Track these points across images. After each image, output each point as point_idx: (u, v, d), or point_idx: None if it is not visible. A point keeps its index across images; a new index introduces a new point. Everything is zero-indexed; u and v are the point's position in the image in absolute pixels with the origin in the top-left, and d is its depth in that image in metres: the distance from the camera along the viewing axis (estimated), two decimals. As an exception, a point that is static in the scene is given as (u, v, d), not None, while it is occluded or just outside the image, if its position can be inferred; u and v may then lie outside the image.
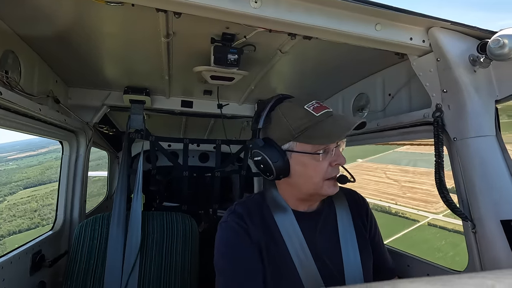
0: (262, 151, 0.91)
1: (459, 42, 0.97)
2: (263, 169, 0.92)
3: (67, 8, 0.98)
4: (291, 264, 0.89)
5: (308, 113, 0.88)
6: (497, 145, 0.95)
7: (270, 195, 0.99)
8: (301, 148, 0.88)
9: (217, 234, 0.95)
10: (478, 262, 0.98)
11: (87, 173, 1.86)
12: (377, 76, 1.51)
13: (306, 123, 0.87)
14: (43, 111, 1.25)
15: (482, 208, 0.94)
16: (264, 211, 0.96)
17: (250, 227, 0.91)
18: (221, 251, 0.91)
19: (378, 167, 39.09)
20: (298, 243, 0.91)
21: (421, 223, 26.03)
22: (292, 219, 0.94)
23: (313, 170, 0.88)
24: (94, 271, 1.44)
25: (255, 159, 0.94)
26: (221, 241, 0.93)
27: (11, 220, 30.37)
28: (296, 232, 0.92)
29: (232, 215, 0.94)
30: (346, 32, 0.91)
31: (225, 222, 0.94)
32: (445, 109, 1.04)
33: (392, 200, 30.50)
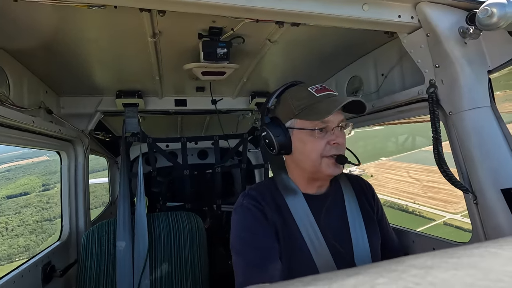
0: (267, 127, 0.98)
1: (448, 15, 0.96)
2: (267, 143, 0.99)
3: (49, 17, 0.96)
4: (303, 245, 0.91)
5: (310, 94, 0.94)
6: (492, 115, 0.96)
7: (280, 179, 1.03)
8: (301, 125, 0.94)
9: (233, 217, 0.98)
10: (481, 232, 1.00)
11: (88, 181, 1.86)
12: (369, 57, 1.51)
13: (306, 102, 0.93)
14: (37, 123, 1.24)
15: (481, 179, 0.95)
16: (275, 194, 0.99)
17: (265, 207, 0.94)
18: (239, 233, 0.93)
19: (401, 166, 39.12)
20: (309, 224, 0.94)
21: (437, 222, 26.35)
22: (302, 201, 0.97)
23: (310, 146, 0.93)
24: (105, 277, 1.46)
25: (262, 134, 1.01)
26: (239, 223, 0.95)
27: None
28: (307, 213, 0.95)
29: (247, 198, 0.98)
30: (334, 15, 0.90)
31: (240, 206, 0.97)
32: (438, 84, 1.04)
33: (411, 199, 30.78)
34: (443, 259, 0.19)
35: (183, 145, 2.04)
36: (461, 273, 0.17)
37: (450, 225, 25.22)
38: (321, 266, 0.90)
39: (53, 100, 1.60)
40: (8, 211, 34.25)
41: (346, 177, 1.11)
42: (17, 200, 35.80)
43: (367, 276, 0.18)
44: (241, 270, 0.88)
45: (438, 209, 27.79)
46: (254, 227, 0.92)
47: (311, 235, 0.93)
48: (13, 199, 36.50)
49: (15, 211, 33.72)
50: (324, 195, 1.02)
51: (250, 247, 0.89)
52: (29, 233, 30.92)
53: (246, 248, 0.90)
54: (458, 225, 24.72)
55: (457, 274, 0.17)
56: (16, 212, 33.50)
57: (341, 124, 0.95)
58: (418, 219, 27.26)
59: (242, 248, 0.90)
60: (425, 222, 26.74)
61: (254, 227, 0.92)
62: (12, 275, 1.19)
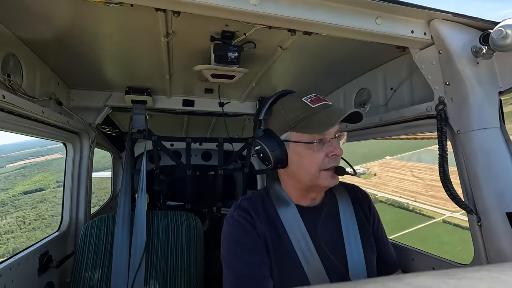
0: (262, 140, 0.94)
1: (461, 33, 0.96)
2: (262, 158, 0.96)
3: (66, 10, 0.98)
4: (295, 258, 0.90)
5: (305, 105, 0.91)
6: (501, 137, 0.94)
7: (274, 189, 1.01)
8: (298, 138, 0.91)
9: (223, 229, 0.96)
10: (484, 255, 0.98)
11: (91, 174, 1.87)
12: (379, 70, 1.50)
13: (302, 114, 0.90)
14: (46, 113, 1.26)
15: (487, 200, 0.93)
16: (268, 206, 0.98)
17: (256, 220, 0.92)
18: (228, 246, 0.92)
19: (405, 165, 38.91)
20: (302, 237, 0.92)
21: (436, 220, 26.28)
22: (295, 213, 0.95)
23: (309, 160, 0.91)
24: (101, 271, 1.46)
25: (255, 148, 0.98)
26: (228, 236, 0.93)
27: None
28: (299, 225, 0.93)
29: (238, 210, 0.96)
30: (347, 26, 0.90)
31: (231, 217, 0.95)
32: (448, 102, 1.03)
33: (412, 197, 30.66)
34: (443, 279, 0.19)
35: (188, 145, 2.05)
36: None
37: (449, 223, 25.15)
38: (313, 279, 0.89)
39: (63, 92, 1.62)
40: (25, 206, 35.12)
41: (343, 186, 1.09)
42: (33, 196, 36.79)
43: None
44: (230, 284, 0.87)
45: (438, 207, 27.68)
46: (243, 239, 0.90)
47: (303, 248, 0.91)
48: (29, 195, 37.54)
49: (31, 206, 34.65)
50: (318, 206, 1.00)
51: (239, 260, 0.88)
52: (45, 226, 31.45)
53: (235, 261, 0.88)
54: (456, 223, 24.66)
55: None
56: (33, 207, 34.38)
57: (337, 134, 0.93)
58: (417, 217, 27.25)
59: (231, 260, 0.89)
60: (424, 220, 26.73)
61: (243, 239, 0.90)
62: (9, 262, 1.19)
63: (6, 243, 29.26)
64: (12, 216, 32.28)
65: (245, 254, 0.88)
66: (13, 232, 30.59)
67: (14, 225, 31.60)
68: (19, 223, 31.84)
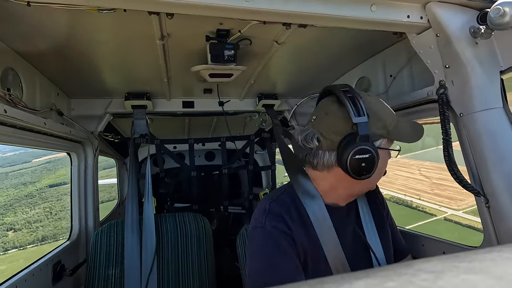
0: (372, 148, 0.80)
1: (458, 14, 0.94)
2: (364, 167, 0.80)
3: (61, 21, 0.98)
4: (321, 252, 0.88)
5: (390, 110, 0.91)
6: (505, 116, 0.93)
7: (298, 183, 0.94)
8: (387, 145, 0.90)
9: (253, 240, 0.88)
10: (494, 236, 0.97)
11: (97, 181, 1.89)
12: (377, 58, 1.49)
13: (394, 120, 0.89)
14: (48, 124, 1.26)
15: (494, 181, 0.93)
16: (298, 205, 0.92)
17: (294, 231, 0.85)
18: (256, 262, 0.84)
19: (414, 163, 38.91)
20: (328, 230, 0.89)
21: (437, 218, 26.54)
22: (321, 205, 0.91)
23: (384, 166, 0.92)
24: (113, 277, 1.48)
25: (357, 156, 0.80)
26: (258, 251, 0.84)
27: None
28: (326, 218, 0.90)
29: (270, 217, 0.86)
30: (341, 16, 0.90)
31: (262, 227, 0.86)
32: (448, 85, 1.02)
33: (417, 195, 30.91)
34: (454, 263, 0.19)
35: (191, 147, 2.05)
36: (472, 278, 0.17)
37: (450, 221, 25.44)
38: (337, 272, 0.88)
39: (64, 102, 1.63)
40: (51, 198, 37.01)
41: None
42: (58, 189, 38.37)
43: (376, 279, 0.18)
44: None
45: (441, 205, 27.96)
46: (277, 260, 0.81)
47: (328, 241, 0.88)
48: (54, 188, 39.27)
49: (57, 198, 36.34)
50: (342, 206, 0.97)
51: (268, 284, 0.79)
52: (70, 217, 33.25)
53: (263, 284, 0.80)
54: (457, 220, 25.05)
55: (468, 279, 0.17)
56: (58, 199, 36.19)
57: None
58: (420, 214, 27.51)
59: (259, 281, 0.82)
60: (426, 217, 26.98)
61: (277, 260, 0.81)
62: (23, 273, 1.21)
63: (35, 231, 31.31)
64: (40, 207, 34.24)
65: (277, 277, 0.80)
66: (41, 221, 32.60)
67: (42, 215, 33.66)
68: (46, 213, 33.84)
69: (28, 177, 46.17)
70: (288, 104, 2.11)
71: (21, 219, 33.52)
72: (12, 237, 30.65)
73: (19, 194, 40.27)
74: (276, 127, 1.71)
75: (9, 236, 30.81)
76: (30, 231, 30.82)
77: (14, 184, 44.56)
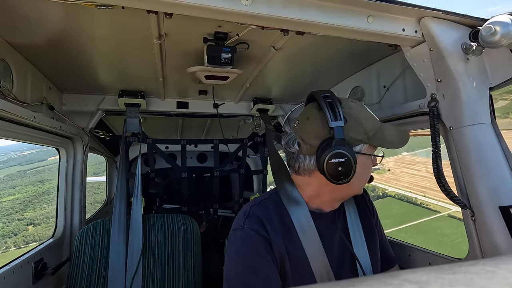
0: (349, 152, 0.80)
1: (451, 31, 0.97)
2: (341, 171, 0.80)
3: (57, 14, 0.97)
4: (306, 262, 0.87)
5: (372, 115, 0.90)
6: (493, 132, 0.96)
7: (284, 189, 0.95)
8: (369, 151, 0.89)
9: (231, 241, 0.88)
10: (478, 249, 0.99)
11: (85, 179, 1.85)
12: (372, 68, 1.52)
13: (376, 126, 0.88)
14: (38, 118, 1.24)
15: (480, 195, 0.95)
16: (281, 210, 0.92)
17: (271, 235, 0.84)
18: (236, 268, 0.83)
19: (421, 161, 39.39)
20: (312, 238, 0.89)
21: (441, 215, 27.05)
22: (306, 212, 0.91)
23: (367, 172, 0.91)
24: (97, 277, 1.44)
25: (333, 160, 0.80)
26: (237, 255, 0.84)
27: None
28: (310, 226, 0.90)
29: (250, 221, 0.86)
30: (339, 25, 0.91)
31: (240, 230, 0.86)
32: (440, 98, 1.04)
33: (422, 192, 31.42)
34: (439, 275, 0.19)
35: (183, 148, 2.04)
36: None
37: (453, 217, 25.90)
38: (321, 281, 0.87)
39: (55, 96, 1.60)
40: None
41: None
42: None
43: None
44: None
45: (445, 202, 28.56)
46: (254, 263, 0.81)
47: (313, 249, 0.88)
48: None
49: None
50: (328, 212, 0.97)
51: (245, 286, 0.79)
52: (87, 212, 34.46)
53: (239, 286, 0.80)
54: (461, 217, 25.80)
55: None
56: None
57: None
58: (424, 211, 28.05)
59: (235, 284, 0.81)
60: (429, 213, 27.53)
61: (254, 263, 0.81)
62: (3, 271, 1.17)
63: (53, 225, 32.77)
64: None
65: (254, 281, 0.80)
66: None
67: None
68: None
69: (46, 175, 47.62)
70: (282, 110, 2.12)
71: (40, 215, 34.91)
72: (32, 231, 32.42)
73: (37, 191, 41.99)
74: (268, 132, 1.72)
75: (29, 231, 32.63)
76: (48, 226, 31.99)
77: (32, 181, 46.38)
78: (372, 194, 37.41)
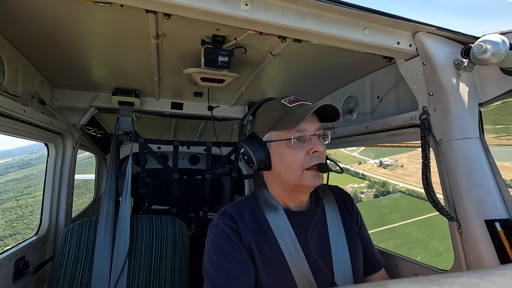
0: (245, 143, 0.97)
1: (444, 46, 0.99)
2: (247, 160, 0.98)
3: (54, 8, 0.95)
4: (284, 263, 0.89)
5: (283, 105, 0.96)
6: (480, 147, 0.98)
7: (261, 194, 1.01)
8: (278, 137, 0.94)
9: (207, 238, 0.94)
10: (464, 261, 1.00)
11: (73, 176, 1.82)
12: (366, 79, 1.54)
13: (280, 113, 0.94)
14: (28, 112, 1.21)
15: (466, 208, 0.97)
16: (256, 211, 0.97)
17: (241, 227, 0.91)
18: (210, 255, 0.89)
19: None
20: (291, 241, 0.92)
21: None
22: (283, 218, 0.95)
23: (289, 158, 0.92)
24: (80, 277, 1.41)
25: (241, 151, 1.00)
26: (211, 246, 0.91)
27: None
28: (288, 230, 0.93)
29: (223, 217, 0.94)
30: (336, 35, 0.93)
31: (215, 225, 0.93)
32: (431, 111, 1.06)
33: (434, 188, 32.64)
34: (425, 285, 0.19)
35: (175, 149, 2.02)
36: None
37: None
38: (301, 284, 0.89)
39: (47, 91, 1.57)
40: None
41: (328, 188, 1.10)
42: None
43: None
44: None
45: None
46: (225, 249, 0.88)
47: (291, 252, 0.91)
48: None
49: (89, 191, 37.28)
50: (306, 210, 1.01)
51: (219, 271, 0.86)
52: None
53: (215, 272, 0.86)
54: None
55: None
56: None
57: (318, 132, 0.94)
58: (430, 207, 28.86)
59: (211, 272, 0.87)
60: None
61: (226, 249, 0.88)
62: None
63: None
64: (86, 196, 35.07)
65: (227, 265, 0.86)
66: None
67: (88, 203, 37.14)
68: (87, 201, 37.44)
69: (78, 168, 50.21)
70: None
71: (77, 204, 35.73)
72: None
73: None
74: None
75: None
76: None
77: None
78: (382, 189, 37.51)
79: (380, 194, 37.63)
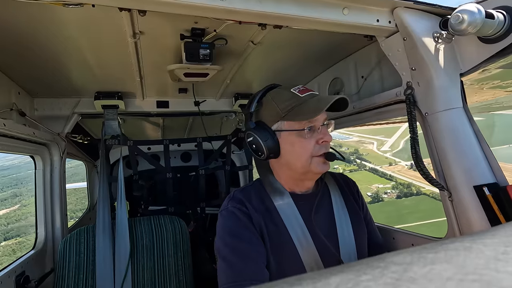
0: (254, 132, 0.96)
1: (423, 20, 1.00)
2: (255, 149, 0.98)
3: (23, 15, 0.91)
4: (291, 245, 0.92)
5: (294, 95, 0.95)
6: (465, 116, 1.01)
7: (267, 180, 1.03)
8: (289, 127, 0.94)
9: (219, 221, 0.97)
10: (456, 227, 1.04)
11: (65, 186, 1.78)
12: (349, 59, 1.54)
13: (292, 103, 0.94)
14: (8, 126, 1.17)
15: (455, 176, 1.00)
16: (263, 196, 0.99)
17: (250, 211, 0.94)
18: (223, 238, 0.92)
19: None
20: (297, 224, 0.95)
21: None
22: (290, 202, 0.98)
23: (300, 147, 0.94)
24: (84, 286, 1.40)
25: (248, 140, 0.99)
26: (223, 227, 0.94)
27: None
28: (295, 214, 0.96)
29: (232, 201, 0.98)
30: (315, 18, 0.92)
31: (225, 210, 0.97)
32: (415, 86, 1.08)
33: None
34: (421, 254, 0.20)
35: (166, 148, 2.00)
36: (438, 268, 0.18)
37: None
38: (308, 265, 0.92)
39: (26, 101, 1.52)
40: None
41: (331, 175, 1.14)
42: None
43: (350, 273, 0.18)
44: (225, 275, 0.87)
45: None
46: (238, 231, 0.91)
47: (299, 235, 0.93)
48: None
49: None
50: (312, 194, 1.03)
51: (234, 251, 0.89)
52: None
53: (230, 253, 0.89)
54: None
55: (434, 269, 0.18)
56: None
57: (326, 122, 0.98)
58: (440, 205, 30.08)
59: (226, 252, 0.90)
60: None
61: (239, 231, 0.91)
62: None
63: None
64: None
65: (241, 246, 0.89)
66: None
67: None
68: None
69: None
70: None
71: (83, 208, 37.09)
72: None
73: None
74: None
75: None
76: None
77: (76, 180, 47.60)
78: (405, 190, 38.02)
79: (403, 195, 37.79)
